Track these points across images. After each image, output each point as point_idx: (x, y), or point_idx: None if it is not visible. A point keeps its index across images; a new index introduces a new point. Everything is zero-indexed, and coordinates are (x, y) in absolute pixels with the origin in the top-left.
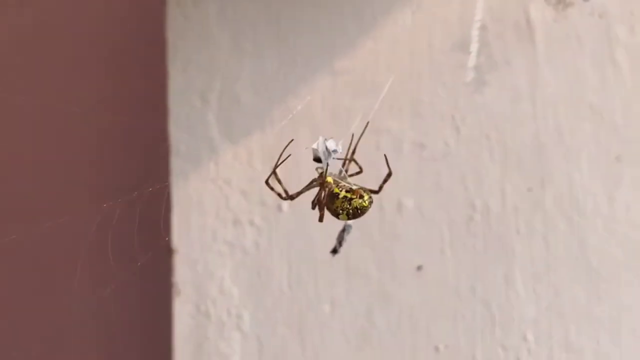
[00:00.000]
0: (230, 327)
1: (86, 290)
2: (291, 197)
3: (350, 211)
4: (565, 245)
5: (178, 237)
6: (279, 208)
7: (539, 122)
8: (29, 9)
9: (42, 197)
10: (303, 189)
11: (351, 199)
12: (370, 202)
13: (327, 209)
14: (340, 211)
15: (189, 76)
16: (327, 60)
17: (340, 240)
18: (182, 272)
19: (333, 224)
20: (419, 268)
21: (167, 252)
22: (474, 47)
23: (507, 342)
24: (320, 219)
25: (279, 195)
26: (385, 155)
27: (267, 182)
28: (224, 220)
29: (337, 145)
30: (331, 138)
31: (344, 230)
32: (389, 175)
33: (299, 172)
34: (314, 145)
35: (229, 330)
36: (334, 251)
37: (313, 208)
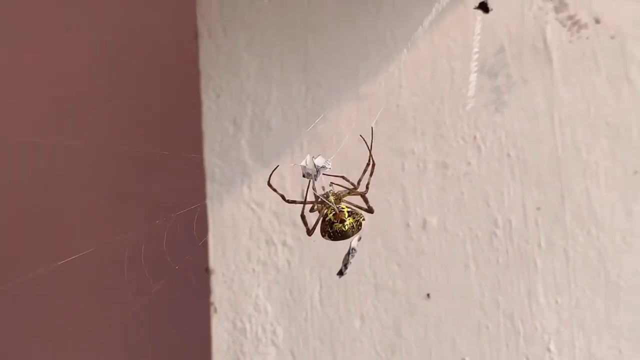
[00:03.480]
0: (266, 342)
1: (134, 306)
2: (293, 201)
3: (331, 233)
4: (585, 258)
5: (214, 258)
6: None
7: (557, 139)
8: (70, 40)
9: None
10: (306, 200)
11: (333, 222)
12: (352, 227)
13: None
14: (323, 233)
15: (222, 103)
16: (353, 85)
17: (345, 263)
18: (219, 291)
19: (361, 243)
20: (444, 283)
21: (204, 272)
22: (473, 77)
23: (531, 353)
24: (309, 233)
25: (282, 197)
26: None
27: (269, 184)
28: (257, 240)
29: (327, 162)
30: (319, 155)
31: (349, 254)
32: (373, 167)
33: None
34: (303, 162)
35: (264, 346)
36: (340, 273)
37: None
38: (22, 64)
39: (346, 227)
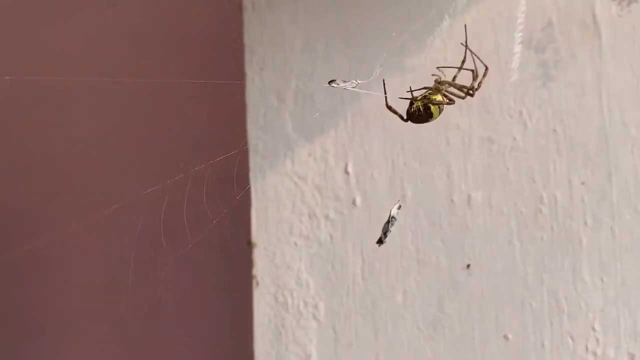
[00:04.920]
0: (307, 316)
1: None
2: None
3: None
4: (632, 236)
5: (257, 231)
6: (353, 202)
7: (605, 115)
8: (113, 15)
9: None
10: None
11: (412, 103)
12: (420, 109)
13: None
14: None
15: (265, 77)
16: (396, 58)
17: (385, 232)
18: (261, 265)
19: (404, 218)
20: (487, 260)
21: (246, 246)
22: (518, 48)
23: (576, 331)
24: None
25: (401, 117)
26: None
27: (388, 106)
28: (299, 214)
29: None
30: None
31: (388, 222)
32: (487, 69)
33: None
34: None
35: (305, 320)
36: (380, 242)
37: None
38: (69, 40)
39: (412, 109)
